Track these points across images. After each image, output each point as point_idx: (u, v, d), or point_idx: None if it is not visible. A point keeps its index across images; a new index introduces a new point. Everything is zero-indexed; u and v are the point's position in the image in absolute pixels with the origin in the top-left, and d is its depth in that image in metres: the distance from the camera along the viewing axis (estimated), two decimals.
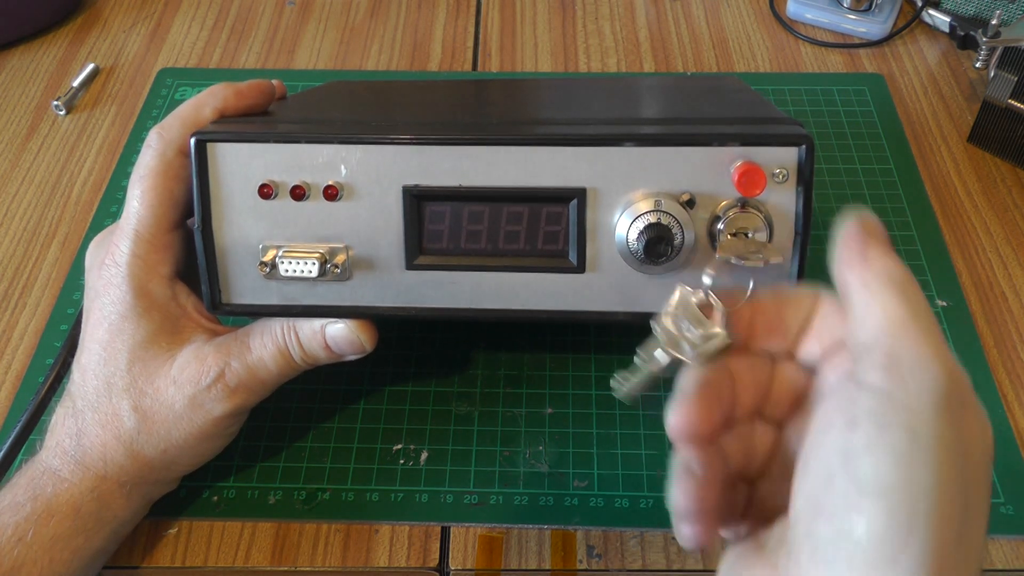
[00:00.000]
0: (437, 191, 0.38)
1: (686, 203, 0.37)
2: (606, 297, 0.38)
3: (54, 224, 0.59)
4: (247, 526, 0.44)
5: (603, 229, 0.38)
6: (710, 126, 0.38)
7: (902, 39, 0.72)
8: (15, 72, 0.70)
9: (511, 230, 0.38)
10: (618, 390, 0.33)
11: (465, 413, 0.48)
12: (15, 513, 0.38)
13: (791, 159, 0.36)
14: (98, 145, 0.64)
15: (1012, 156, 0.61)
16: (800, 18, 0.73)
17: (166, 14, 0.76)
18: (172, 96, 0.67)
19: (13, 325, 0.53)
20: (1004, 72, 0.58)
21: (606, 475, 0.45)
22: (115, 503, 0.40)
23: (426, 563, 0.43)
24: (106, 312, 0.39)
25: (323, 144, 0.37)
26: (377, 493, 0.45)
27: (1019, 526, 0.43)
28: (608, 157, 0.37)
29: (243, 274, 0.39)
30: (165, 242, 0.40)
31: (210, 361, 0.39)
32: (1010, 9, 0.67)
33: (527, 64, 0.71)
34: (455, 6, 0.76)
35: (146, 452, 0.40)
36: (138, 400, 0.39)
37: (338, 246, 0.39)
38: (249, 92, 0.42)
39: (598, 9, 0.76)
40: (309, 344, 0.40)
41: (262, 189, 0.38)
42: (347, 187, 0.38)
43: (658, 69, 0.70)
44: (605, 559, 0.43)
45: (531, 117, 0.49)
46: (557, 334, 0.52)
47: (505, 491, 0.45)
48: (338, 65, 0.71)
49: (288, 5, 0.76)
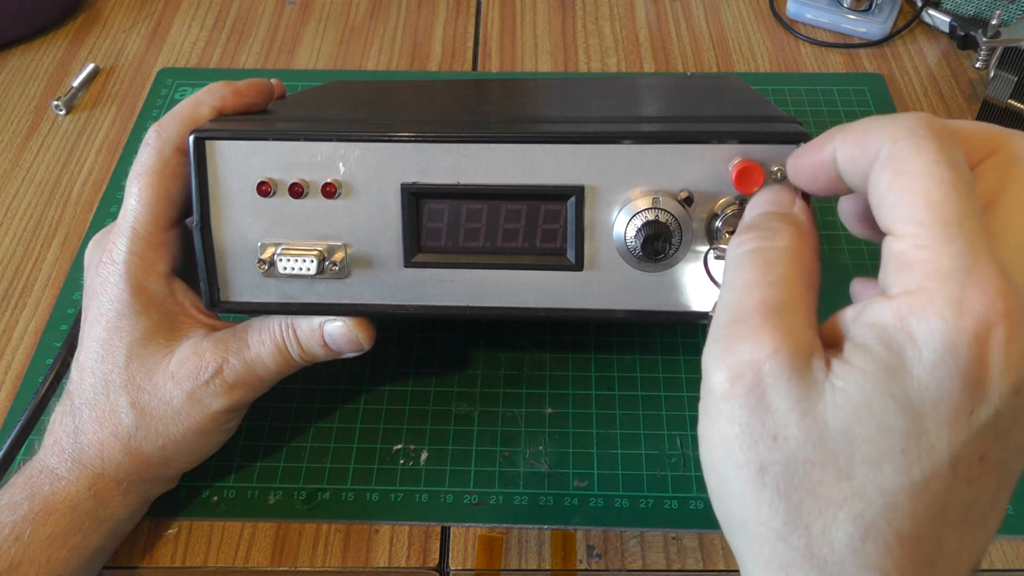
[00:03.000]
0: (435, 189, 0.38)
1: (684, 201, 0.37)
2: (604, 295, 0.38)
3: (54, 224, 0.59)
4: (247, 526, 0.44)
5: (601, 227, 0.38)
6: (708, 124, 0.38)
7: (902, 39, 0.72)
8: (15, 72, 0.70)
9: (509, 228, 0.38)
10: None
11: (465, 413, 0.48)
12: (12, 512, 0.38)
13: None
14: (98, 145, 0.64)
15: None
16: (800, 18, 0.73)
17: (166, 14, 0.76)
18: (172, 96, 0.67)
19: (13, 325, 0.53)
20: (1004, 72, 0.58)
21: (606, 475, 0.45)
22: (112, 501, 0.40)
23: (426, 563, 0.43)
24: (104, 310, 0.39)
25: (322, 142, 0.37)
26: (377, 493, 0.45)
27: (1019, 526, 0.43)
28: (606, 155, 0.37)
29: (241, 272, 0.39)
30: (162, 240, 0.40)
31: (208, 357, 0.39)
32: (1010, 9, 0.67)
33: (527, 64, 0.71)
34: (455, 6, 0.76)
35: (144, 448, 0.40)
36: (136, 396, 0.39)
37: (336, 244, 0.39)
38: (247, 91, 0.42)
39: (598, 9, 0.76)
40: (307, 342, 0.40)
41: (261, 187, 0.38)
42: (346, 185, 0.38)
43: (658, 69, 0.70)
44: (605, 559, 0.43)
45: (530, 115, 0.49)
46: (557, 334, 0.52)
47: (505, 491, 0.45)
48: (338, 65, 0.71)
49: (288, 5, 0.77)
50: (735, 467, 0.26)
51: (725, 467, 0.26)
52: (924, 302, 0.24)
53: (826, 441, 0.24)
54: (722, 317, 0.27)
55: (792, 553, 0.25)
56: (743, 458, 0.25)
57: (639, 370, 0.50)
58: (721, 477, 0.26)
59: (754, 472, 0.25)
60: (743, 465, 0.25)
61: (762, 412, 0.25)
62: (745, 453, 0.25)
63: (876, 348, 0.24)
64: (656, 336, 0.51)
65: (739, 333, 0.26)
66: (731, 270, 0.29)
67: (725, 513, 0.27)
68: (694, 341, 0.51)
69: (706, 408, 0.27)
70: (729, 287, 0.28)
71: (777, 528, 0.25)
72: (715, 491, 0.27)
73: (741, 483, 0.26)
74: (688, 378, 0.49)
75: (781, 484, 0.25)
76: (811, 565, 0.25)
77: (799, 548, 0.25)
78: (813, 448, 0.24)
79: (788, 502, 0.25)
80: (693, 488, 0.45)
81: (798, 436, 0.25)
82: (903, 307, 0.24)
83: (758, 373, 0.25)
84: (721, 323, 0.27)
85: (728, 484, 0.26)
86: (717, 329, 0.27)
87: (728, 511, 0.27)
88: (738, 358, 0.25)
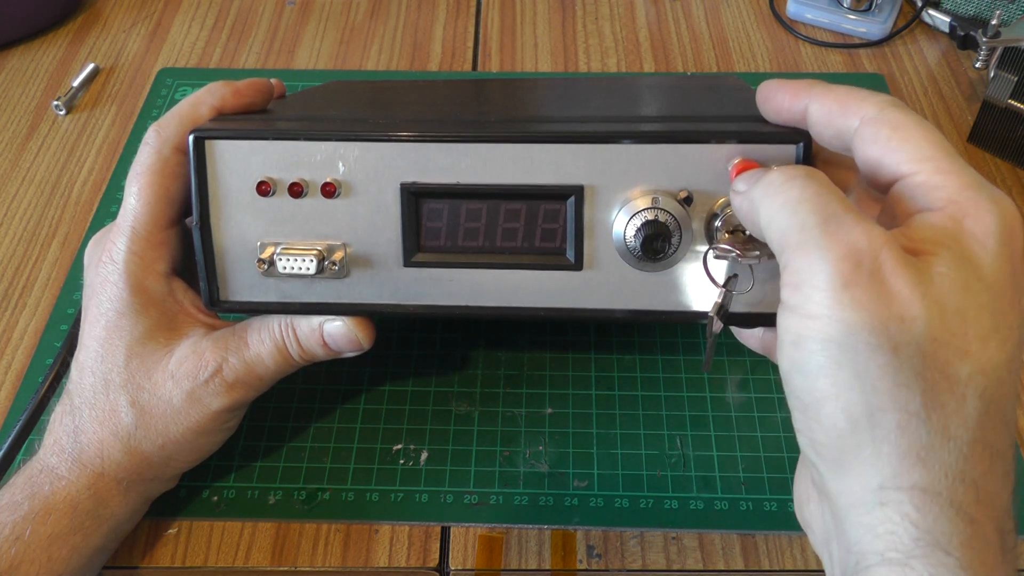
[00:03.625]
0: (435, 188, 0.38)
1: (683, 200, 0.36)
2: (604, 294, 0.38)
3: (54, 224, 0.59)
4: (247, 526, 0.44)
5: (600, 226, 0.37)
6: (708, 123, 0.38)
7: (902, 39, 0.72)
8: (15, 72, 0.70)
9: (509, 227, 0.38)
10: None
11: (465, 413, 0.48)
12: (13, 512, 0.38)
13: (789, 156, 0.36)
14: (98, 145, 0.64)
15: (1012, 156, 0.61)
16: (800, 18, 0.73)
17: (166, 14, 0.76)
18: (172, 96, 0.67)
19: (13, 325, 0.53)
20: (1004, 72, 0.58)
21: (606, 475, 0.45)
22: (112, 500, 0.40)
23: (426, 563, 0.43)
24: (103, 309, 0.39)
25: (321, 141, 0.37)
26: (377, 493, 0.45)
27: (1019, 526, 0.43)
28: (605, 154, 0.37)
29: (241, 271, 0.39)
30: (162, 239, 0.40)
31: (208, 356, 0.39)
32: (1010, 9, 0.67)
33: (527, 64, 0.71)
34: (455, 6, 0.76)
35: (144, 448, 0.40)
36: (135, 395, 0.39)
37: (336, 243, 0.38)
38: (247, 90, 0.42)
39: (598, 9, 0.76)
40: (307, 341, 0.40)
41: (260, 186, 0.38)
42: (345, 184, 0.38)
43: (658, 69, 0.70)
44: (605, 559, 0.43)
45: (529, 115, 0.49)
46: (557, 334, 0.52)
47: (505, 491, 0.45)
48: (338, 65, 0.71)
49: (288, 5, 0.77)
50: (868, 352, 0.26)
51: (851, 358, 0.26)
52: (970, 206, 0.28)
53: (947, 320, 0.26)
54: (807, 220, 0.28)
55: (931, 436, 0.26)
56: (876, 341, 0.26)
57: (639, 370, 0.50)
58: (842, 373, 0.27)
59: (889, 354, 0.26)
60: (876, 348, 0.26)
61: (887, 295, 0.26)
62: (877, 337, 0.26)
63: (950, 243, 0.27)
64: (656, 336, 0.51)
65: (842, 227, 0.27)
66: (789, 188, 0.29)
67: (843, 420, 0.27)
68: (694, 341, 0.51)
69: (810, 309, 0.27)
70: (800, 200, 0.29)
71: (916, 410, 0.26)
72: (827, 398, 0.27)
73: (877, 367, 0.26)
74: (688, 378, 0.49)
75: (916, 363, 0.26)
76: (948, 448, 0.26)
77: (938, 430, 0.26)
78: (938, 327, 0.26)
79: (925, 381, 0.26)
80: (693, 488, 0.45)
81: (924, 316, 0.26)
82: (955, 213, 0.28)
83: (876, 259, 0.27)
84: (809, 225, 0.28)
85: (856, 377, 0.26)
86: (808, 231, 0.28)
87: (851, 414, 0.27)
88: (853, 246, 0.27)
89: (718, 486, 0.45)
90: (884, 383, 0.26)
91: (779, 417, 0.47)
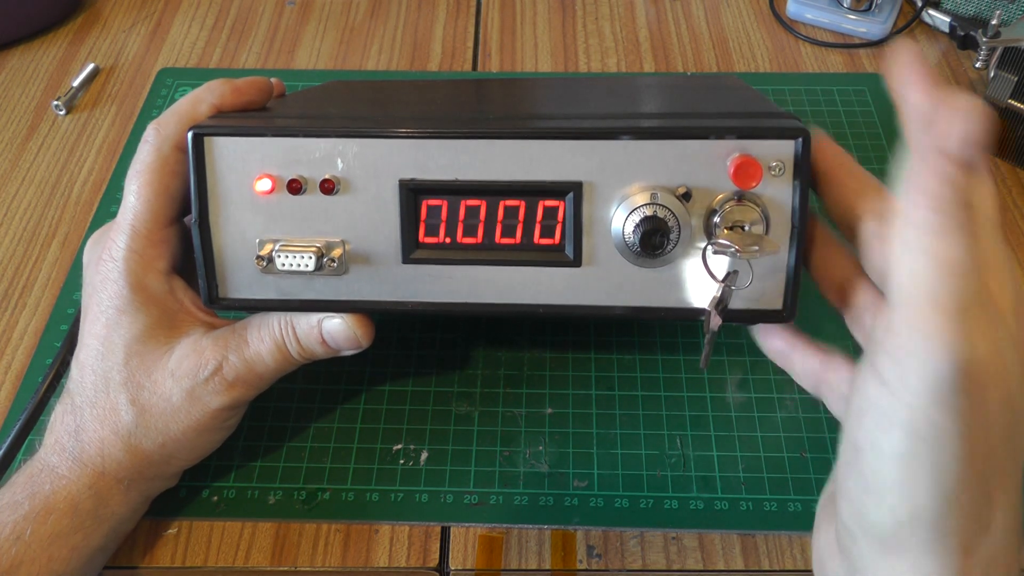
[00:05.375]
0: (434, 185, 0.37)
1: (682, 196, 0.36)
2: (603, 291, 0.38)
3: (54, 224, 0.59)
4: (247, 526, 0.44)
5: (599, 223, 0.37)
6: (706, 119, 0.38)
7: (902, 39, 0.72)
8: (15, 72, 0.70)
9: (507, 224, 0.38)
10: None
11: (465, 413, 0.48)
12: (13, 511, 0.38)
13: (788, 152, 0.36)
14: (98, 145, 0.64)
15: (1012, 156, 0.61)
16: (800, 18, 0.73)
17: (166, 14, 0.76)
18: (172, 96, 0.67)
19: (13, 325, 0.53)
20: (1004, 72, 0.58)
21: (606, 475, 0.45)
22: (113, 500, 0.39)
23: (426, 563, 0.43)
24: (103, 307, 0.39)
25: (320, 138, 0.37)
26: (377, 493, 0.45)
27: None
28: (604, 150, 0.36)
29: (240, 268, 0.39)
30: (161, 237, 0.40)
31: (208, 354, 0.39)
32: (1010, 9, 0.67)
33: (527, 64, 0.71)
34: (455, 6, 0.76)
35: (144, 446, 0.39)
36: (136, 394, 0.39)
37: (335, 240, 0.38)
38: (246, 88, 0.42)
39: (598, 9, 0.76)
40: (306, 339, 0.40)
41: (259, 183, 0.38)
42: (344, 181, 0.38)
43: (658, 69, 0.70)
44: (605, 559, 0.43)
45: (528, 112, 0.49)
46: (557, 333, 0.51)
47: (505, 491, 0.45)
48: (338, 65, 0.71)
49: (288, 5, 0.77)
50: (954, 462, 0.26)
51: (935, 460, 0.26)
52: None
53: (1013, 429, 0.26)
54: (945, 301, 0.25)
55: (979, 535, 0.27)
56: (964, 453, 0.26)
57: (639, 370, 0.49)
58: (922, 472, 0.26)
59: (979, 464, 0.26)
60: (962, 460, 0.26)
61: (984, 414, 0.26)
62: (970, 445, 0.26)
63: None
64: (656, 336, 0.51)
65: (970, 324, 0.25)
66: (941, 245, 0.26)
67: (906, 514, 0.27)
68: (694, 341, 0.51)
69: (906, 397, 0.26)
70: (949, 268, 0.25)
71: (985, 521, 0.26)
72: (896, 488, 0.26)
73: (957, 473, 0.26)
74: (688, 378, 0.49)
75: (992, 478, 0.26)
76: (988, 541, 0.27)
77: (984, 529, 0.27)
78: (1011, 434, 0.26)
79: (987, 485, 0.26)
80: (693, 488, 0.45)
81: (1008, 436, 0.26)
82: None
83: (986, 372, 0.25)
84: (945, 306, 0.25)
85: (936, 483, 0.26)
86: (943, 313, 0.25)
87: (916, 513, 0.26)
88: (976, 354, 0.25)
89: (718, 486, 0.45)
90: (958, 489, 0.26)
91: (779, 417, 0.47)
